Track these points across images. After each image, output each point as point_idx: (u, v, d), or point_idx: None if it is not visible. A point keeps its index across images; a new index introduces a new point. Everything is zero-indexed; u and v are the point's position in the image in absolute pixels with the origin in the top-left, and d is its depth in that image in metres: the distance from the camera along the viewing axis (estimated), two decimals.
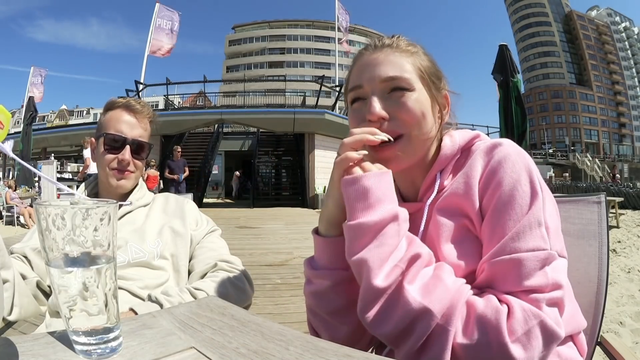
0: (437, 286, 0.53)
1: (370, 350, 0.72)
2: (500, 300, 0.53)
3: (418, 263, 0.55)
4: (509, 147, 0.61)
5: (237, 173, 19.20)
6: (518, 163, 0.59)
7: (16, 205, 8.20)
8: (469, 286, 0.57)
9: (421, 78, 0.66)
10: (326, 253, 0.64)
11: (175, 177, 8.28)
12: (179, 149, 8.85)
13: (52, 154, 13.14)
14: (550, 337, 0.51)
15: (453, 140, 0.69)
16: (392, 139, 0.62)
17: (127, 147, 1.01)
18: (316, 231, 0.66)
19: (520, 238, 0.55)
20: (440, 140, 0.71)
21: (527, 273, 0.53)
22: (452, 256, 0.60)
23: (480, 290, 0.57)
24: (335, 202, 0.60)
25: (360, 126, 0.63)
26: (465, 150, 0.68)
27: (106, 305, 0.42)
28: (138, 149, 1.03)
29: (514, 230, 0.55)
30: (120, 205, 1.02)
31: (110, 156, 1.00)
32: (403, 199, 0.74)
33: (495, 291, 0.55)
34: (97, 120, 1.08)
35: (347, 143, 0.59)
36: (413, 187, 0.72)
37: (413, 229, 0.63)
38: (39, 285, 0.92)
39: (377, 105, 0.63)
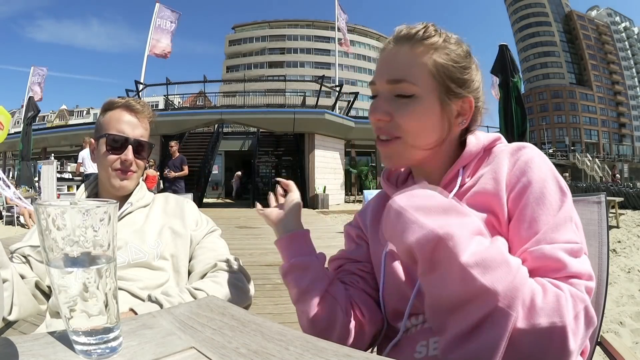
0: (502, 265, 0.49)
1: (370, 351, 0.72)
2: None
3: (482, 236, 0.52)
4: (533, 150, 0.64)
5: (239, 173, 19.20)
6: (543, 165, 0.61)
7: (16, 205, 8.20)
8: (526, 268, 0.54)
9: (433, 81, 0.64)
10: (280, 251, 0.78)
11: (169, 173, 7.62)
12: (173, 145, 7.97)
13: (52, 154, 13.14)
14: (589, 323, 0.51)
15: (478, 139, 0.69)
16: None
17: (130, 147, 1.00)
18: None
19: (558, 230, 0.56)
20: (463, 139, 0.71)
21: (568, 261, 0.54)
22: None
23: None
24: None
25: (371, 121, 0.68)
26: (487, 151, 0.69)
27: (106, 306, 0.42)
28: (140, 148, 1.03)
29: (552, 223, 0.56)
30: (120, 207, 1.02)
31: (113, 157, 1.00)
32: None
33: (539, 278, 0.54)
34: (96, 121, 1.08)
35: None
36: (429, 182, 0.72)
37: None
38: (37, 285, 0.92)
39: (377, 109, 0.65)
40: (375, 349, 0.73)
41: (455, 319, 0.50)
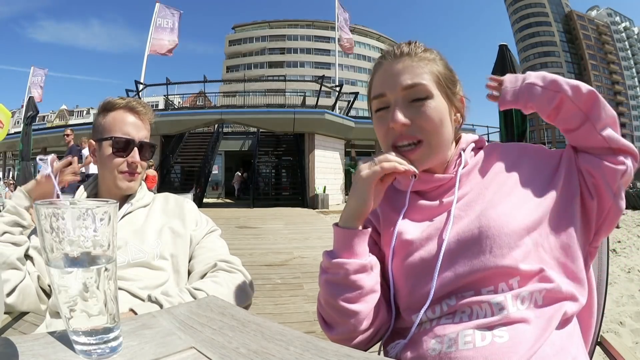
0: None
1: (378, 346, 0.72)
2: None
3: None
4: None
5: (240, 174, 19.16)
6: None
7: None
8: None
9: (438, 85, 0.71)
10: (344, 243, 0.67)
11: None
12: (69, 133, 6.90)
13: (52, 154, 13.13)
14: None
15: (467, 135, 0.79)
16: (417, 174, 0.68)
17: (136, 149, 1.01)
18: (336, 224, 0.70)
19: None
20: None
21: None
22: (509, 206, 0.66)
23: None
24: (359, 199, 0.67)
25: (384, 132, 0.72)
26: (477, 147, 0.78)
27: (106, 305, 0.42)
28: (144, 150, 1.04)
29: None
30: (120, 207, 1.02)
31: (119, 159, 1.00)
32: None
33: None
34: (95, 121, 1.08)
35: (385, 167, 0.65)
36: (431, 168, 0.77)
37: (446, 195, 0.72)
38: (40, 284, 0.92)
39: (399, 114, 0.68)
40: (380, 346, 0.73)
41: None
